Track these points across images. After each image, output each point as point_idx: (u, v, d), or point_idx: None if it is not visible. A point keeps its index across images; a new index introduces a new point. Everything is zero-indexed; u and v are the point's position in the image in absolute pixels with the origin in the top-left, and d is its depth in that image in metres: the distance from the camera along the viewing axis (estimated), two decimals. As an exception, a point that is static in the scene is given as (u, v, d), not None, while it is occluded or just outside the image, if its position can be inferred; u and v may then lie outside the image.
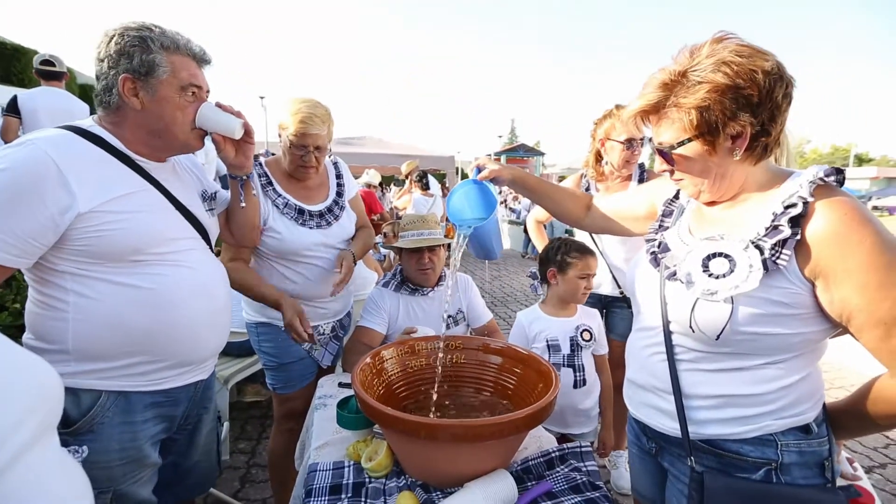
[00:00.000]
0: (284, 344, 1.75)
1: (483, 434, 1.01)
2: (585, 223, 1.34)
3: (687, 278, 0.86)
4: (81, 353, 1.04)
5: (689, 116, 0.81)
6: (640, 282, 1.03)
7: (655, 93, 0.85)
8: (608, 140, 2.04)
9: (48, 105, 3.55)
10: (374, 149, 8.82)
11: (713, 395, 0.87)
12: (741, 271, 0.79)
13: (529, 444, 1.33)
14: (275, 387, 1.81)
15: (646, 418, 0.99)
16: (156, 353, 1.12)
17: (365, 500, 1.10)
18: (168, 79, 1.07)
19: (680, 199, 1.08)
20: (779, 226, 0.79)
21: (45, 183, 0.95)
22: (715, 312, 0.81)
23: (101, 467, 1.07)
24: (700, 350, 0.88)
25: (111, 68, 1.05)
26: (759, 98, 0.78)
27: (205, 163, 5.28)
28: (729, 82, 0.78)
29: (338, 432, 1.37)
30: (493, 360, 1.46)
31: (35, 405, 0.61)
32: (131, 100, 1.06)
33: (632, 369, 1.05)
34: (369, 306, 1.88)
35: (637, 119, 0.90)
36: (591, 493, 1.13)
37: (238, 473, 2.41)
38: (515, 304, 6.09)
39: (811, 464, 0.85)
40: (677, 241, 0.97)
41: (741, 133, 0.81)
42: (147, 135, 1.10)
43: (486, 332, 1.96)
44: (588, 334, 1.83)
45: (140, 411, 1.12)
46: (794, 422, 0.84)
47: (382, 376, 1.37)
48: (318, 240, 1.72)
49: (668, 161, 0.90)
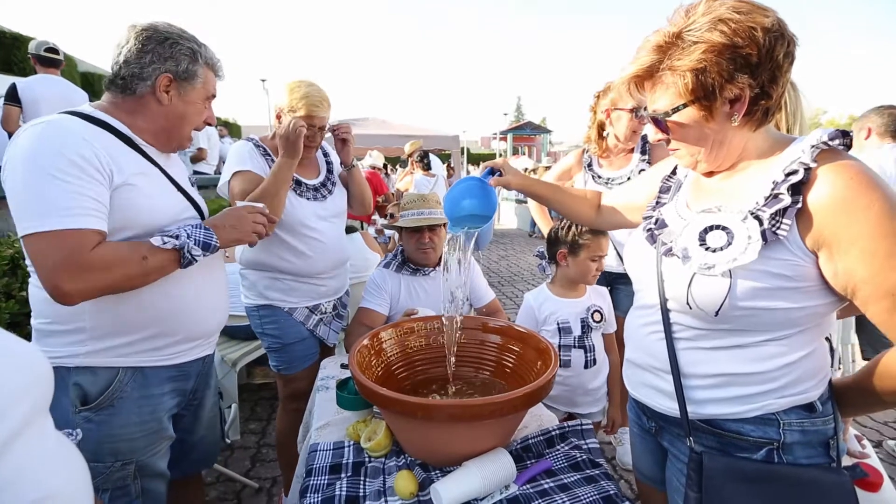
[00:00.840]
0: (286, 325, 1.77)
1: (480, 414, 1.00)
2: (598, 222, 1.31)
3: (683, 253, 0.83)
4: (98, 330, 1.08)
5: (683, 80, 0.77)
6: (636, 259, 1.00)
7: (649, 56, 0.80)
8: (615, 110, 1.98)
9: (49, 93, 3.52)
10: (377, 130, 8.72)
11: (712, 374, 0.84)
12: (739, 243, 0.75)
13: (530, 422, 1.33)
14: (279, 368, 1.83)
15: (644, 398, 0.97)
16: (168, 327, 1.16)
17: (364, 478, 1.10)
18: (200, 88, 1.20)
19: (677, 175, 1.04)
20: (779, 194, 0.75)
21: (88, 154, 1.00)
22: (713, 287, 0.78)
23: (124, 439, 1.12)
24: (698, 327, 0.84)
25: (153, 63, 1.12)
26: (758, 58, 0.74)
27: (207, 147, 5.30)
28: (726, 41, 0.73)
29: (338, 413, 1.38)
30: (493, 339, 1.45)
31: (27, 389, 0.61)
32: (162, 95, 1.14)
33: (630, 349, 1.02)
34: (370, 287, 1.88)
35: (630, 86, 0.85)
36: (592, 470, 1.13)
37: (249, 453, 2.46)
38: (522, 284, 6.08)
39: (815, 443, 0.82)
40: (675, 217, 0.93)
41: (739, 96, 0.76)
42: (160, 128, 1.18)
43: (489, 312, 1.94)
44: (599, 315, 1.80)
45: (156, 385, 1.17)
46: (797, 400, 0.81)
47: (381, 357, 1.37)
48: (315, 211, 1.75)
49: (663, 129, 0.85)
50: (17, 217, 0.97)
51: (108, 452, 1.11)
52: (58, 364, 1.07)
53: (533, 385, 1.06)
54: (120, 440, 1.11)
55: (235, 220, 1.24)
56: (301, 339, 1.80)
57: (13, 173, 0.98)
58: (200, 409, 1.38)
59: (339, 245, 1.85)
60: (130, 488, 1.15)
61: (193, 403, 1.35)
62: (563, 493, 1.05)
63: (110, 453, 1.11)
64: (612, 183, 2.13)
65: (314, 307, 1.82)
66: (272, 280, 1.74)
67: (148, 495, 1.18)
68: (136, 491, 1.16)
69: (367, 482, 1.09)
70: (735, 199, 0.83)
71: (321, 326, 1.85)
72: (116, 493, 1.13)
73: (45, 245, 0.95)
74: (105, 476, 1.11)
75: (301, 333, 1.80)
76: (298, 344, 1.80)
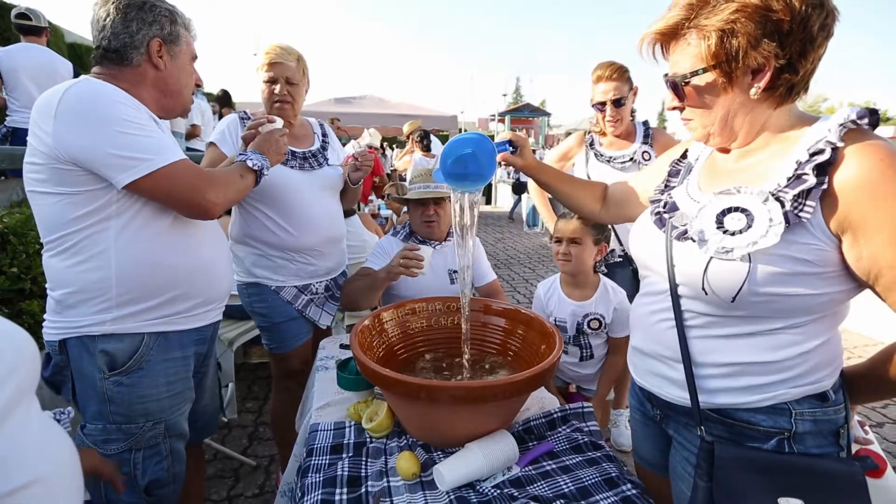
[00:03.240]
0: (274, 303, 1.73)
1: (484, 396, 0.99)
2: (601, 214, 1.25)
3: (699, 236, 0.79)
4: (124, 296, 1.11)
5: (707, 41, 0.73)
6: (644, 244, 0.97)
7: (678, 13, 0.76)
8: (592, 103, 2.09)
9: (29, 62, 3.36)
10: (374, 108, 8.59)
11: (725, 363, 0.82)
12: (759, 226, 0.72)
13: (531, 405, 1.32)
14: (270, 347, 1.81)
15: (652, 387, 0.95)
16: (188, 289, 1.20)
17: (366, 459, 1.10)
18: (185, 49, 1.23)
19: (688, 158, 1.01)
20: (802, 175, 0.72)
21: (123, 96, 1.08)
22: (730, 272, 0.75)
23: (153, 399, 1.17)
24: (712, 314, 0.82)
25: (140, 30, 1.13)
26: (789, 25, 0.70)
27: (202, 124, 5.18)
28: (759, 2, 0.70)
29: (339, 393, 1.37)
30: (496, 322, 1.44)
31: (11, 370, 0.59)
32: (158, 61, 1.17)
33: (637, 336, 0.99)
34: (377, 250, 1.86)
35: (649, 47, 0.82)
36: (593, 452, 1.13)
37: (246, 431, 2.47)
38: (519, 267, 6.08)
39: (826, 432, 0.81)
40: (686, 199, 0.90)
41: (763, 66, 0.73)
42: (160, 94, 1.21)
43: (489, 292, 1.94)
44: (597, 322, 1.79)
45: (179, 348, 1.22)
46: (811, 390, 0.79)
47: (383, 337, 1.35)
48: (301, 180, 1.70)
49: (679, 96, 0.82)
50: (120, 166, 1.03)
51: (139, 413, 1.15)
52: (83, 333, 1.10)
53: (536, 368, 1.04)
54: (150, 400, 1.16)
55: (274, 144, 1.38)
56: (290, 318, 1.75)
57: (87, 128, 1.01)
58: (205, 377, 1.42)
59: (329, 221, 1.78)
60: (161, 447, 1.20)
61: (202, 370, 1.37)
62: (566, 474, 1.05)
63: (142, 413, 1.15)
64: (615, 162, 2.14)
65: (304, 287, 1.76)
66: (258, 257, 1.70)
67: (174, 455, 1.24)
68: (165, 450, 1.21)
69: (368, 462, 1.09)
70: (755, 180, 0.79)
71: (312, 307, 1.79)
72: (149, 453, 1.18)
73: (178, 173, 1.10)
74: (138, 436, 1.16)
75: (290, 313, 1.75)
76: (288, 323, 1.75)
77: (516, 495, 0.98)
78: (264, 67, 1.65)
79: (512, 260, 6.52)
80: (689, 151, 1.02)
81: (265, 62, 1.65)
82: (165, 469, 1.21)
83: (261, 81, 1.67)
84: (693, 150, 1.01)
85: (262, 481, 2.11)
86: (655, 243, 0.91)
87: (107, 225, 1.08)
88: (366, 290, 1.70)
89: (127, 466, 1.15)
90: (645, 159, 2.09)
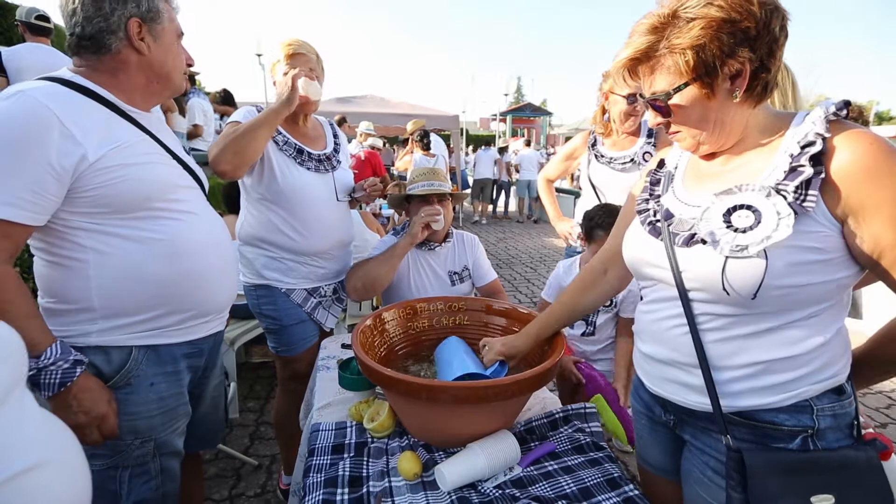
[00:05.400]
0: (284, 307, 1.72)
1: (485, 396, 0.99)
2: (614, 283, 1.15)
3: (711, 238, 0.80)
4: (107, 309, 1.03)
5: (684, 58, 0.76)
6: (641, 254, 0.96)
7: (645, 38, 0.79)
8: (612, 94, 2.02)
9: (36, 63, 3.37)
10: (375, 108, 8.59)
11: (748, 363, 0.82)
12: (769, 221, 0.74)
13: (533, 405, 1.32)
14: (277, 349, 1.80)
15: (668, 394, 0.93)
16: (178, 303, 1.11)
17: (367, 459, 1.10)
18: (168, 26, 1.10)
19: (666, 167, 1.01)
20: (798, 166, 0.75)
21: (50, 134, 0.92)
22: (749, 269, 0.76)
23: (143, 417, 1.09)
24: (731, 315, 0.82)
25: (115, 10, 1.01)
26: (756, 31, 0.74)
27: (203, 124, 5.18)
28: (724, 15, 0.73)
29: (340, 393, 1.37)
30: (497, 322, 1.44)
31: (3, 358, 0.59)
32: (140, 44, 1.05)
33: (647, 344, 0.97)
34: (380, 245, 1.86)
35: (625, 73, 0.84)
36: (595, 453, 1.13)
37: (247, 431, 2.47)
38: (521, 267, 6.08)
39: (843, 426, 0.82)
40: (679, 205, 0.91)
41: (740, 71, 0.76)
42: (147, 80, 1.10)
43: (490, 291, 1.93)
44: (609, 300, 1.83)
45: (171, 363, 1.14)
46: (830, 384, 0.81)
47: (384, 337, 1.35)
48: (316, 183, 1.69)
49: (663, 113, 0.84)
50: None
51: (127, 430, 1.08)
52: (69, 343, 1.01)
53: (538, 368, 1.04)
54: (138, 418, 1.08)
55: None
56: (299, 321, 1.75)
57: None
58: (205, 388, 1.36)
59: (341, 224, 1.78)
60: (150, 466, 1.12)
61: (202, 382, 1.32)
62: (567, 475, 1.05)
63: (129, 431, 1.08)
64: (615, 163, 2.12)
65: (313, 290, 1.77)
66: (270, 259, 1.69)
67: (165, 474, 1.16)
68: (154, 469, 1.13)
69: (370, 462, 1.09)
70: (746, 178, 0.81)
71: (320, 310, 1.80)
72: (136, 472, 1.10)
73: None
74: (125, 453, 1.08)
75: (299, 316, 1.75)
76: (297, 326, 1.75)
77: (518, 496, 0.98)
78: (286, 59, 1.60)
79: (513, 259, 6.51)
80: (667, 160, 1.03)
81: (286, 53, 1.60)
82: (154, 489, 1.13)
83: (280, 74, 1.60)
84: (670, 158, 1.02)
85: (264, 481, 2.11)
86: (654, 252, 0.91)
87: (77, 238, 0.99)
88: (385, 261, 1.73)
89: (112, 484, 1.07)
90: (645, 160, 2.09)
